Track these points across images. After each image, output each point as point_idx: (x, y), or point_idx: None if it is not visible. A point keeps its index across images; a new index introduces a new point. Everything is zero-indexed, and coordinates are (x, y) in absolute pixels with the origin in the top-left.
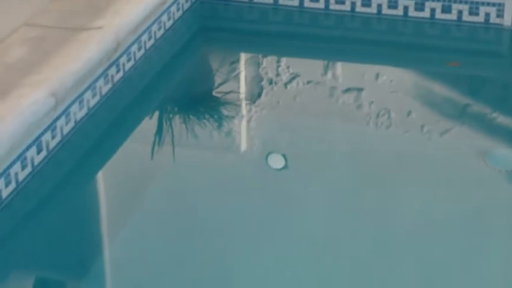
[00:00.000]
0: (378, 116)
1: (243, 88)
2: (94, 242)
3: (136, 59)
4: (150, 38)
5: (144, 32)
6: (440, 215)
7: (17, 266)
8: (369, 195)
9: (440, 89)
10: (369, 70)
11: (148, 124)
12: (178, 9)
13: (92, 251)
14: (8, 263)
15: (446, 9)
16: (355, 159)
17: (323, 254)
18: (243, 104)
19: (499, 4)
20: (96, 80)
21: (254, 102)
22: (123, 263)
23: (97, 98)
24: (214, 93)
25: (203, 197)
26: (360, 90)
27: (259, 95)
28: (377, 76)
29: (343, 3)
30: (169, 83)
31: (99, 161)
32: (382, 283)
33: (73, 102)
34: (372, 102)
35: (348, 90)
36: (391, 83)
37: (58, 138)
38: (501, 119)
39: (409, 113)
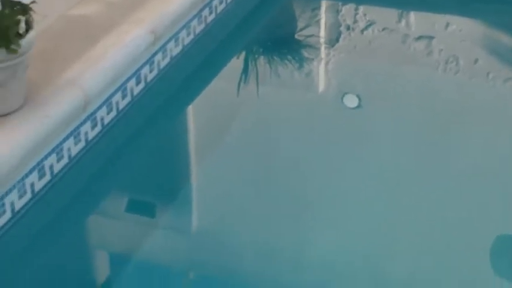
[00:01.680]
0: (446, 62)
1: (323, 33)
2: (183, 170)
3: (228, 2)
4: None
5: None
6: (499, 157)
7: (114, 189)
8: (435, 135)
9: (506, 39)
10: (439, 19)
11: (236, 63)
12: None
13: (180, 178)
14: (107, 187)
15: None
16: (423, 102)
17: (392, 188)
18: (323, 47)
19: None
20: (191, 20)
21: (332, 46)
22: (208, 191)
23: (191, 36)
24: (296, 36)
25: (283, 131)
26: (430, 38)
27: (337, 40)
28: (447, 25)
29: None
30: (256, 26)
31: (190, 94)
32: (445, 216)
33: (170, 39)
34: (442, 49)
35: (419, 37)
36: (460, 32)
37: (155, 72)
38: None
39: (476, 61)
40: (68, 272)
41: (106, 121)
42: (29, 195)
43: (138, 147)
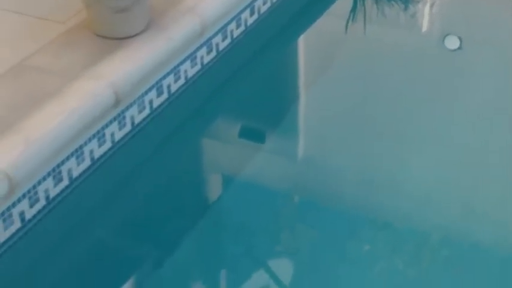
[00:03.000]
0: None
1: None
2: (290, 98)
3: None
4: None
5: None
6: None
7: (225, 111)
8: None
9: None
10: None
11: (345, 2)
12: None
13: (288, 105)
14: (218, 109)
15: None
16: None
17: (490, 126)
18: None
19: None
20: None
21: None
22: (314, 119)
23: None
24: None
25: (386, 68)
26: None
27: None
28: None
29: None
30: None
31: (301, 27)
32: None
33: None
34: None
35: None
36: None
37: (268, 4)
38: None
39: None
40: (179, 187)
41: (221, 47)
42: (147, 111)
43: (249, 73)
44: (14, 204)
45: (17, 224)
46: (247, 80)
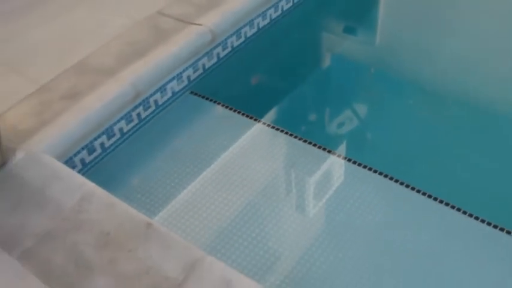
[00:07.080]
0: None
1: None
2: None
3: None
4: None
5: None
6: None
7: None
8: None
9: None
10: None
11: None
12: None
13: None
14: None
15: None
16: None
17: None
18: None
19: None
20: None
21: None
22: (388, 11)
23: None
24: None
25: None
26: None
27: None
28: None
29: None
30: None
31: None
32: None
33: None
34: None
35: None
36: None
37: None
38: None
39: None
40: (309, 48)
41: None
42: None
43: None
44: (214, 47)
45: (214, 59)
46: None
